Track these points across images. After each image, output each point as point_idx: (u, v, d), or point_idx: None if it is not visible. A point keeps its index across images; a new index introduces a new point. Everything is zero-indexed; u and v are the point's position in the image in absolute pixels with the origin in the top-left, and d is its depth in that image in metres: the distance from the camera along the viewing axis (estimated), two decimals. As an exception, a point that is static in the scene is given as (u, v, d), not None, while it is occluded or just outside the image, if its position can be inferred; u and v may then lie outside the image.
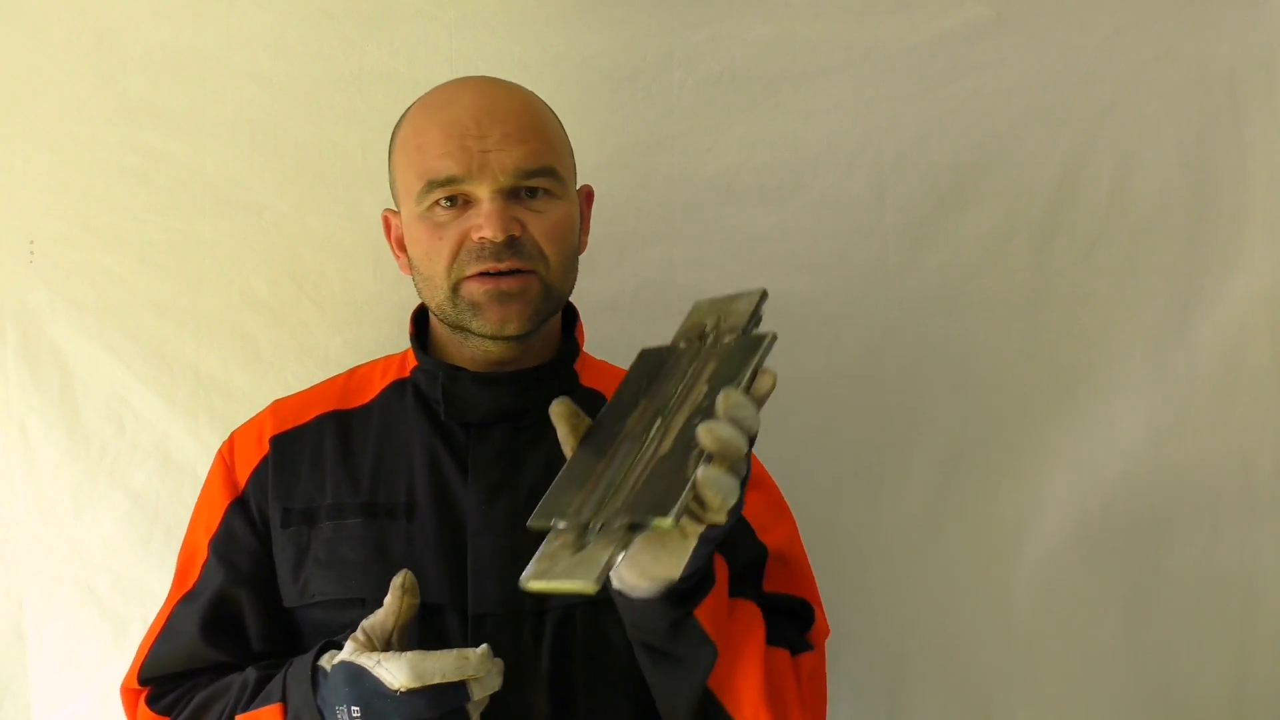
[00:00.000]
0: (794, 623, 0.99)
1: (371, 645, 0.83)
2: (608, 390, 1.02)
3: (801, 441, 1.34)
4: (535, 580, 0.73)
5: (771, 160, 1.34)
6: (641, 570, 0.78)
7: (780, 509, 1.05)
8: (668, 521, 0.70)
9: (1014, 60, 1.36)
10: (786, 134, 1.34)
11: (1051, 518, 1.37)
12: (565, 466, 0.80)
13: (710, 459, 0.72)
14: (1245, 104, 1.38)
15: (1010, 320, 1.36)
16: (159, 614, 1.01)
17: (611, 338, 1.08)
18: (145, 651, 1.00)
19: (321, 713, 0.83)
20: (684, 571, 0.78)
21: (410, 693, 0.79)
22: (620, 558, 0.71)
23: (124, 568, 1.25)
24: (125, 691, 1.01)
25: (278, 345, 1.28)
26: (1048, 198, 1.37)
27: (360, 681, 0.81)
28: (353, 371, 1.09)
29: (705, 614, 0.83)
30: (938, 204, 1.36)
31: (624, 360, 1.08)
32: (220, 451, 1.04)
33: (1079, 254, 1.37)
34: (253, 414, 1.07)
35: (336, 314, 1.29)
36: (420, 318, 1.06)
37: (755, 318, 0.84)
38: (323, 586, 0.95)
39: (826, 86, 1.35)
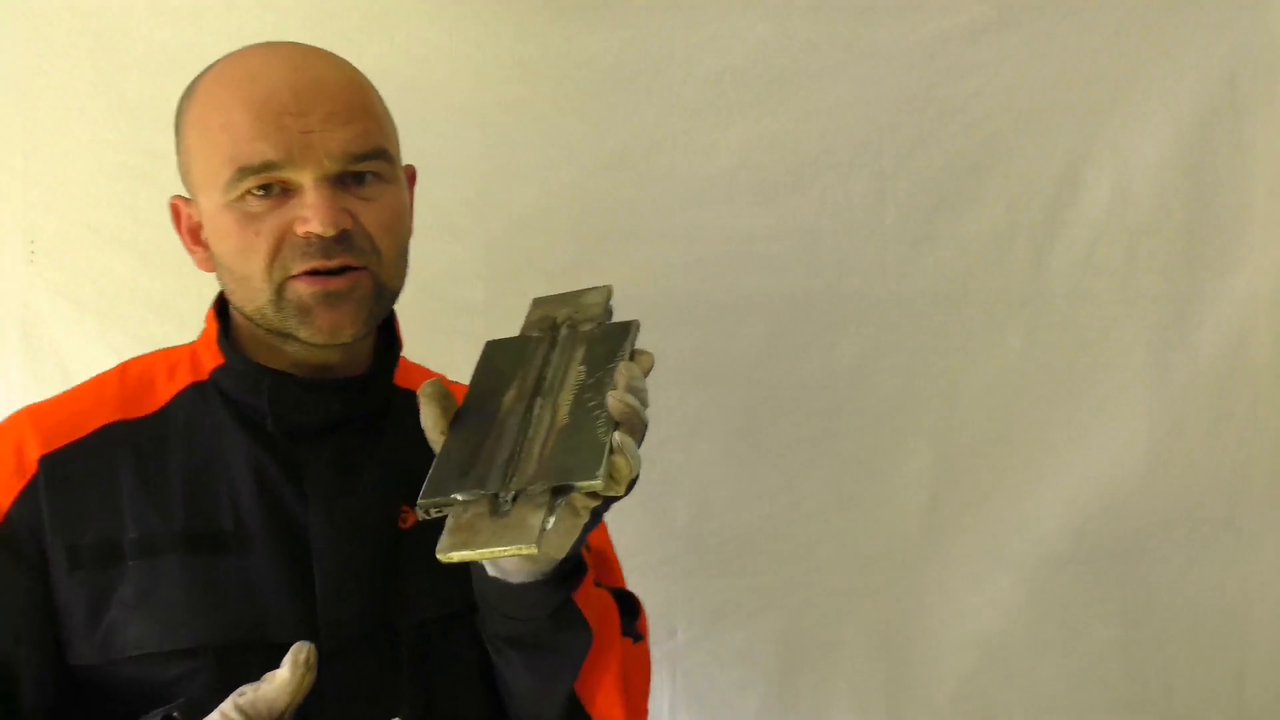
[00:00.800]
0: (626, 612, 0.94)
1: None
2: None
3: (799, 442, 1.34)
4: (458, 550, 0.67)
5: (771, 160, 1.34)
6: None
7: None
8: (598, 483, 0.68)
9: (1014, 60, 1.36)
10: (786, 134, 1.34)
11: (1050, 520, 1.37)
12: (443, 447, 0.75)
13: (618, 427, 0.70)
14: (1245, 104, 1.38)
15: (1010, 320, 1.36)
16: None
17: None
18: None
19: None
20: (568, 552, 0.74)
21: None
22: (551, 521, 0.68)
23: (124, 567, 1.25)
24: None
25: (278, 345, 1.28)
26: (1048, 198, 1.37)
27: None
28: (125, 369, 0.91)
29: (581, 598, 0.80)
30: (938, 204, 1.36)
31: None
32: None
33: (1079, 254, 1.37)
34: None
35: (336, 314, 1.28)
36: (222, 313, 0.90)
37: (608, 311, 0.83)
38: (138, 638, 0.79)
39: (826, 86, 1.35)
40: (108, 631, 0.80)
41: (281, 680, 0.69)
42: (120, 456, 0.84)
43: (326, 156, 0.80)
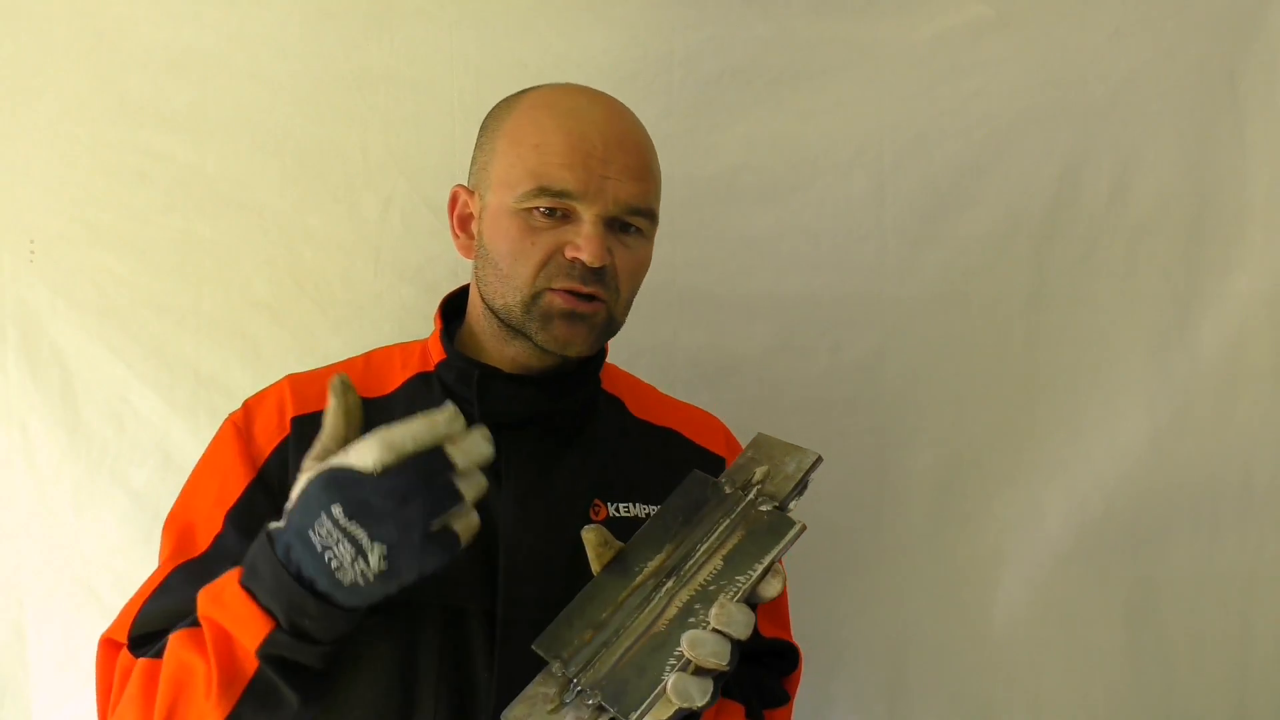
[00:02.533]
0: (778, 666, 1.03)
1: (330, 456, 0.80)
2: (625, 397, 1.06)
3: (801, 442, 1.34)
4: None
5: (771, 160, 1.34)
6: None
7: None
8: None
9: (1014, 60, 1.36)
10: (786, 134, 1.34)
11: (1052, 519, 1.37)
12: (586, 589, 0.86)
13: (687, 666, 0.76)
14: (1245, 104, 1.38)
15: (1010, 320, 1.37)
16: (149, 580, 0.94)
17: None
18: (135, 610, 0.92)
19: (288, 550, 0.78)
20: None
21: (388, 470, 0.75)
22: None
23: (124, 567, 1.25)
24: (104, 642, 0.94)
25: (278, 345, 1.28)
26: (1048, 198, 1.37)
27: (334, 481, 0.76)
28: (370, 356, 1.05)
29: None
30: (938, 204, 1.36)
31: (622, 361, 1.09)
32: (232, 420, 0.98)
33: (1079, 254, 1.37)
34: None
35: (336, 314, 1.29)
36: (448, 311, 1.04)
37: (801, 486, 0.87)
38: None
39: (826, 86, 1.35)
40: None
41: (331, 413, 0.81)
42: None
43: (613, 201, 0.93)
